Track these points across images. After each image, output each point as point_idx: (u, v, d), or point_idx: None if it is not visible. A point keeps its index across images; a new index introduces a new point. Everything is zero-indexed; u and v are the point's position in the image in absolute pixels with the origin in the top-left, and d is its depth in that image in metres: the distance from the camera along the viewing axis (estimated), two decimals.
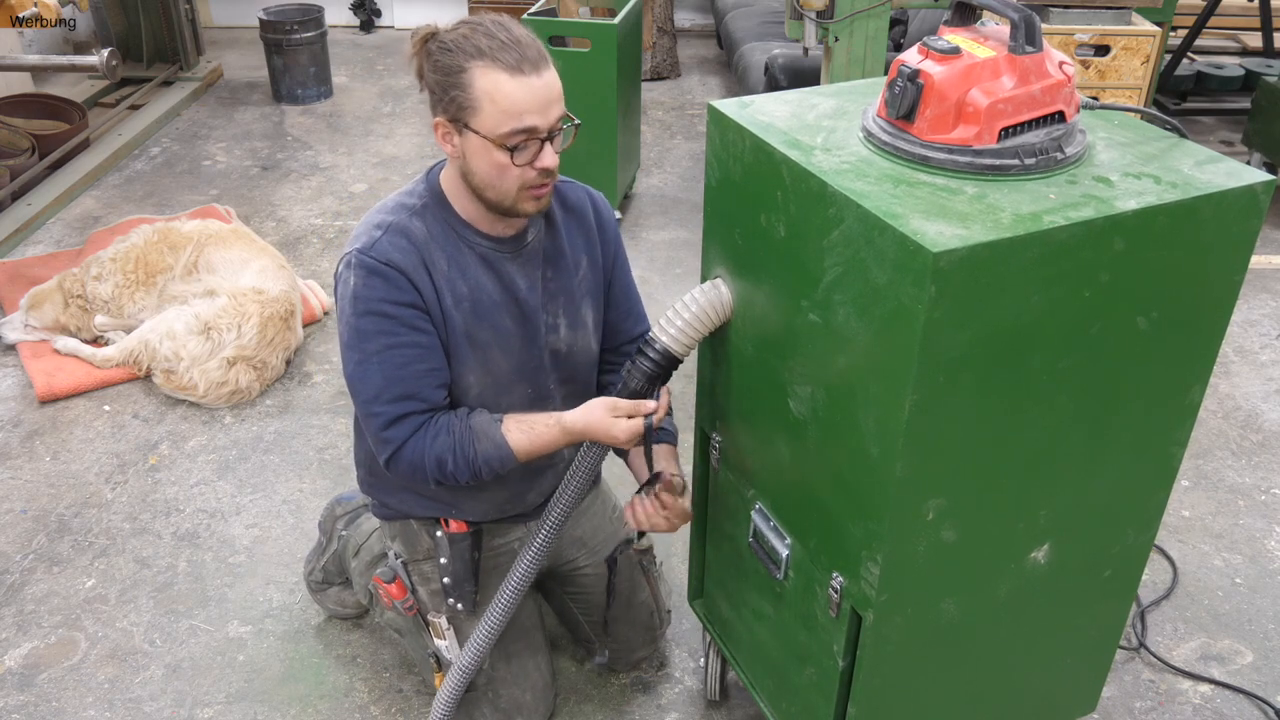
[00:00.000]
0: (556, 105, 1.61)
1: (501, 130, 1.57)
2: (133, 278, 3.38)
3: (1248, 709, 2.25)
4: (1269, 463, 3.00)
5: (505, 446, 1.72)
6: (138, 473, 2.90)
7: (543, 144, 1.62)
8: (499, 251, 1.76)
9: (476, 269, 1.74)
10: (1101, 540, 1.67)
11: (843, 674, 1.62)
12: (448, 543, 1.94)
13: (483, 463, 1.72)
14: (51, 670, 2.30)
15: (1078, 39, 3.49)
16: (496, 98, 1.56)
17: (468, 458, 1.71)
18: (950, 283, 1.23)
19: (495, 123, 1.57)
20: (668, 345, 1.69)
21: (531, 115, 1.57)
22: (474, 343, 1.76)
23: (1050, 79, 1.38)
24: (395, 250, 1.67)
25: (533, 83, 1.57)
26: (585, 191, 1.91)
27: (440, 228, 1.72)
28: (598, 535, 2.15)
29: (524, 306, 1.79)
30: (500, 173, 1.62)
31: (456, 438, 1.71)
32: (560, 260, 1.84)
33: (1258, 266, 4.06)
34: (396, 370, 1.68)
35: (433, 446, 1.71)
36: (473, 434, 1.72)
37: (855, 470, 1.46)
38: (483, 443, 1.72)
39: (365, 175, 4.81)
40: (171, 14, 5.63)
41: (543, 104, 1.58)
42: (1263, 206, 1.41)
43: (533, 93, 1.57)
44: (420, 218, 1.71)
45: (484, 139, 1.59)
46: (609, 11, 4.61)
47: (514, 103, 1.56)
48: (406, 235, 1.69)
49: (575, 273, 1.86)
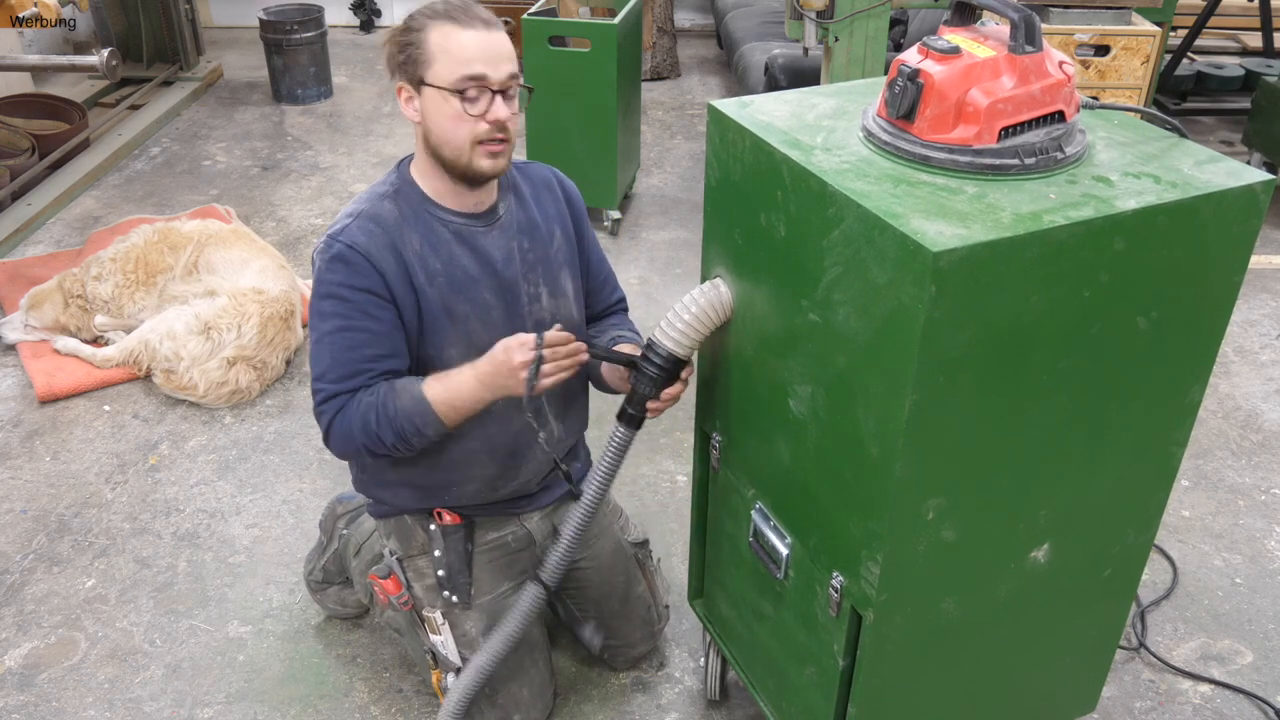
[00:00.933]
0: (507, 63, 1.70)
1: (454, 78, 1.67)
2: (133, 278, 3.38)
3: (1248, 709, 2.25)
4: (1269, 463, 3.00)
5: (423, 400, 1.75)
6: (138, 473, 2.90)
7: (494, 96, 1.69)
8: (472, 226, 1.83)
9: (450, 245, 1.81)
10: (1101, 540, 1.67)
11: (843, 673, 1.62)
12: (441, 535, 1.97)
13: (404, 418, 1.74)
14: (51, 670, 2.30)
15: (1078, 39, 3.49)
16: (448, 46, 1.67)
17: (389, 414, 1.74)
18: (950, 282, 1.23)
19: (448, 70, 1.67)
20: (671, 349, 1.71)
21: (480, 63, 1.67)
22: (453, 316, 1.81)
23: (1050, 79, 1.38)
24: (362, 234, 1.75)
25: (482, 35, 1.68)
26: (548, 169, 2.00)
27: (411, 209, 1.80)
28: (592, 529, 2.14)
29: (501, 278, 1.85)
30: (454, 125, 1.69)
31: (380, 398, 1.75)
32: (535, 231, 1.90)
33: (1258, 266, 4.06)
34: (344, 352, 1.76)
35: (359, 409, 1.76)
36: (394, 391, 1.76)
37: (855, 470, 1.46)
38: (402, 398, 1.75)
39: (365, 175, 4.81)
40: (171, 14, 5.63)
41: (491, 55, 1.68)
42: (1263, 206, 1.41)
43: (482, 42, 1.67)
44: (391, 201, 1.80)
45: (438, 90, 1.68)
46: (609, 11, 4.61)
47: (463, 50, 1.67)
48: (375, 220, 1.77)
49: (550, 242, 1.92)
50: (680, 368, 1.74)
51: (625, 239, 4.26)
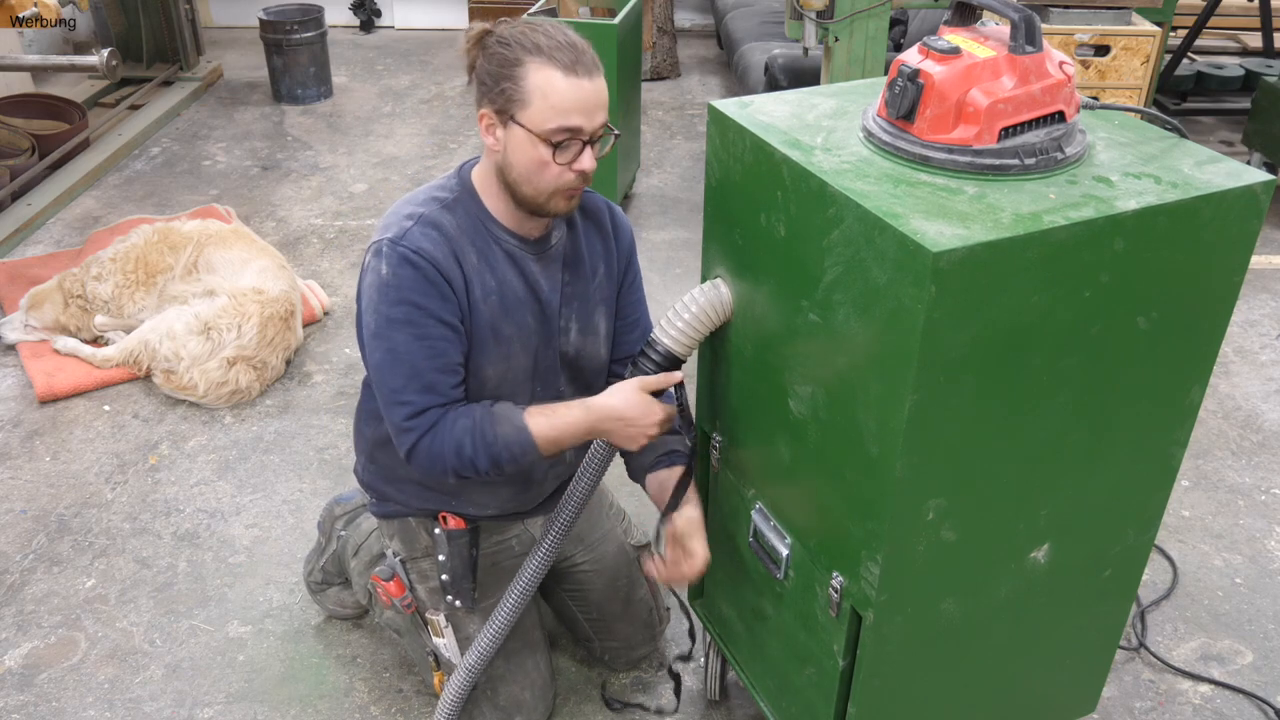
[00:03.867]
0: (602, 111, 1.65)
1: (548, 126, 1.60)
2: (133, 278, 3.38)
3: (1248, 709, 2.25)
4: (1269, 463, 3.00)
5: (525, 430, 1.70)
6: (138, 473, 2.90)
7: (584, 146, 1.64)
8: (524, 250, 1.78)
9: (504, 265, 1.76)
10: (1101, 540, 1.67)
11: (843, 674, 1.62)
12: (446, 539, 1.95)
13: (502, 446, 1.69)
14: (51, 670, 2.30)
15: (1078, 39, 3.49)
16: (548, 93, 1.59)
17: (486, 440, 1.69)
18: (950, 283, 1.23)
19: (543, 118, 1.60)
20: (669, 347, 1.70)
21: (578, 116, 1.61)
22: (498, 337, 1.78)
23: (1050, 79, 1.38)
24: (426, 240, 1.68)
25: (584, 85, 1.61)
26: (604, 203, 1.93)
27: (470, 222, 1.74)
28: (595, 532, 2.15)
29: (546, 306, 1.82)
30: (540, 169, 1.64)
31: (476, 421, 1.70)
32: (579, 266, 1.86)
33: (1258, 266, 4.06)
34: (425, 361, 1.69)
35: (452, 431, 1.70)
36: (493, 418, 1.71)
37: (855, 470, 1.46)
38: (503, 426, 1.70)
39: (365, 175, 4.81)
40: (171, 14, 5.63)
41: (590, 107, 1.62)
42: (1263, 206, 1.41)
43: (583, 94, 1.60)
44: (450, 211, 1.73)
45: (529, 133, 1.61)
46: (609, 11, 4.61)
47: (564, 100, 1.59)
48: (437, 227, 1.70)
49: (592, 279, 1.88)
50: (676, 366, 1.73)
51: None
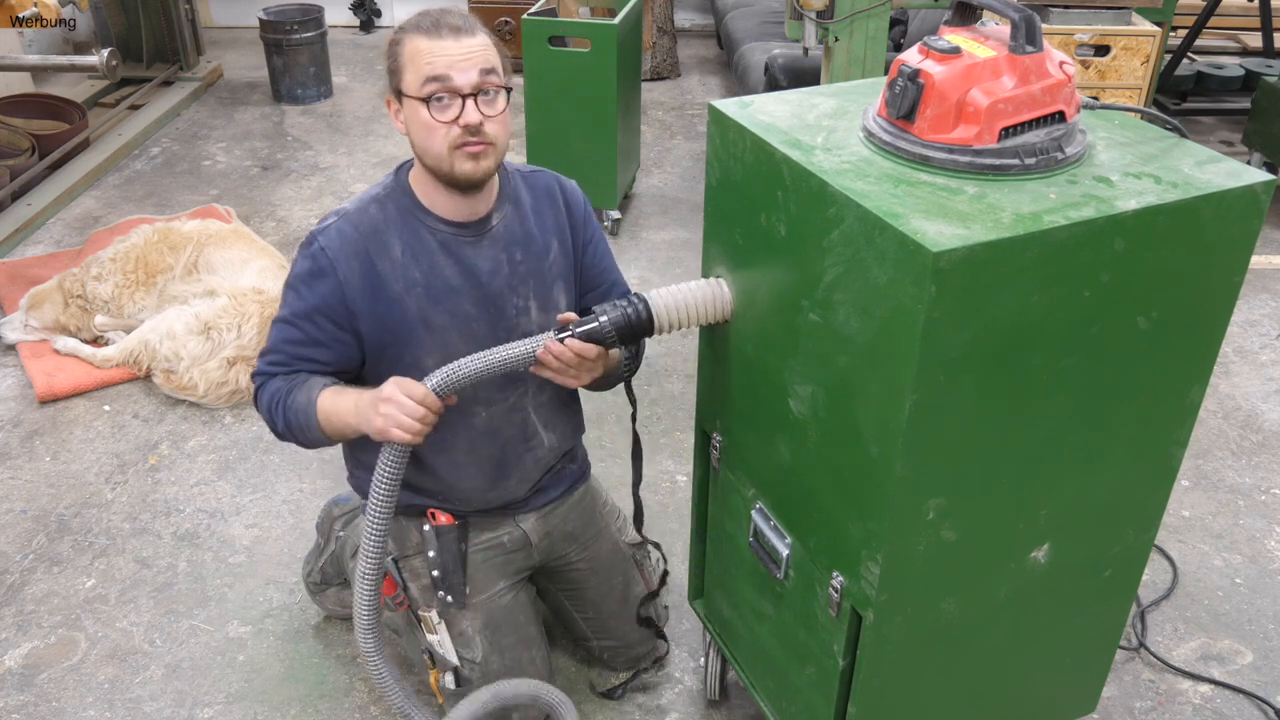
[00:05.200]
0: (473, 64, 1.69)
1: (420, 86, 1.68)
2: (133, 278, 3.38)
3: (1248, 709, 2.25)
4: (1269, 463, 3.00)
5: (312, 405, 1.78)
6: (138, 473, 2.90)
7: (465, 101, 1.69)
8: (460, 237, 1.83)
9: (435, 254, 1.81)
10: (1101, 540, 1.67)
11: (843, 674, 1.62)
12: (435, 535, 1.97)
13: (293, 413, 1.79)
14: (51, 670, 2.30)
15: (1078, 39, 3.49)
16: (414, 57, 1.69)
17: (285, 405, 1.80)
18: (950, 282, 1.23)
19: (415, 79, 1.69)
20: (654, 308, 1.67)
21: (442, 67, 1.67)
22: (429, 327, 1.82)
23: (1050, 79, 1.38)
24: (338, 237, 1.78)
25: (446, 43, 1.68)
26: (553, 177, 1.98)
27: (399, 214, 1.81)
28: (588, 530, 2.15)
29: (486, 290, 1.85)
30: (428, 132, 1.70)
31: (287, 386, 1.82)
32: (530, 243, 1.89)
33: (1258, 266, 4.06)
34: (282, 342, 1.83)
35: (270, 389, 1.83)
36: (300, 386, 1.81)
37: (855, 470, 1.46)
38: (299, 395, 1.80)
39: (365, 175, 4.81)
40: (171, 14, 5.63)
41: (456, 60, 1.68)
42: (1263, 206, 1.41)
43: (445, 49, 1.68)
44: (380, 204, 1.82)
45: (411, 99, 1.70)
46: (609, 11, 4.61)
47: (426, 58, 1.68)
48: (355, 224, 1.79)
49: (546, 255, 1.91)
50: (647, 331, 1.69)
51: (625, 239, 4.26)
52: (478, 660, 2.01)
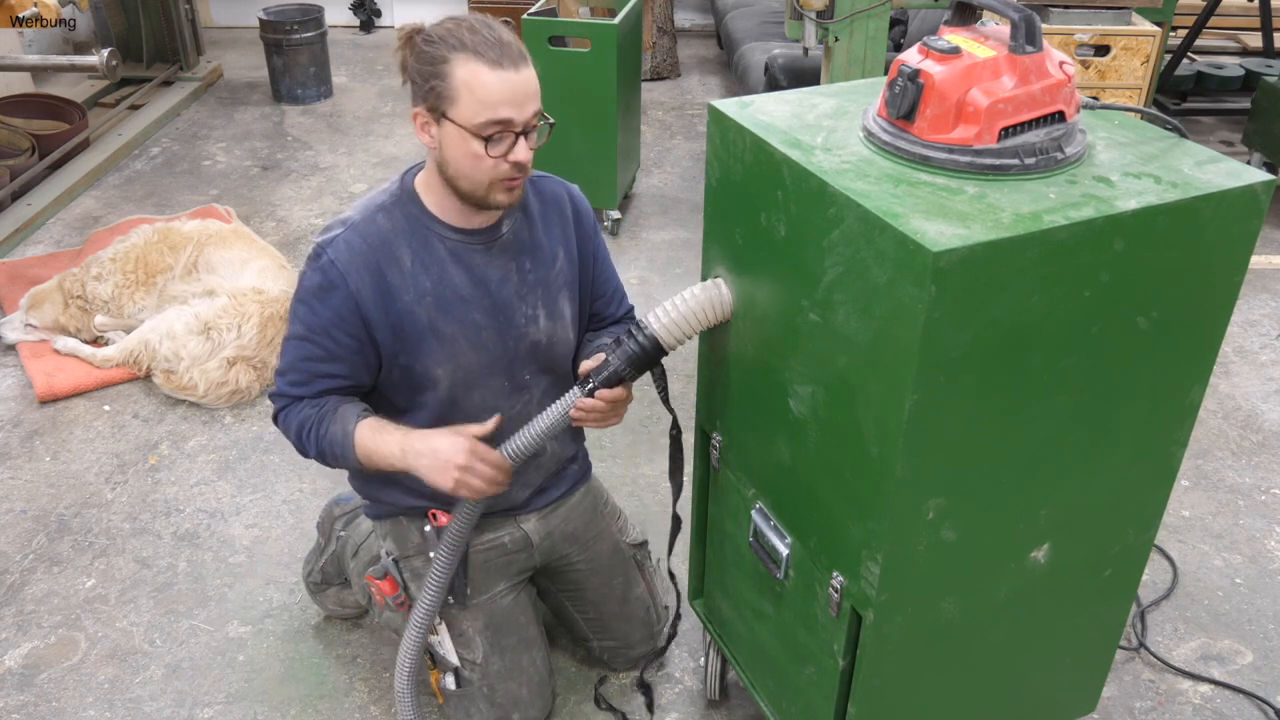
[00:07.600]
0: (532, 102, 1.66)
1: (477, 120, 1.62)
2: (133, 278, 3.38)
3: (1248, 709, 2.25)
4: (1269, 463, 3.00)
5: (349, 439, 1.77)
6: (138, 473, 2.90)
7: (517, 138, 1.66)
8: (470, 245, 1.80)
9: (445, 263, 1.79)
10: (1101, 540, 1.67)
11: (843, 674, 1.62)
12: (436, 536, 1.95)
13: (327, 444, 1.78)
14: (51, 670, 2.30)
15: (1078, 39, 3.49)
16: (475, 88, 1.61)
17: (317, 434, 1.79)
18: (950, 282, 1.23)
19: (472, 113, 1.62)
20: (657, 333, 1.67)
21: (507, 108, 1.62)
22: (439, 336, 1.80)
23: (1050, 79, 1.38)
24: (346, 249, 1.74)
25: (510, 77, 1.62)
26: (562, 185, 1.96)
27: (408, 223, 1.78)
28: (589, 530, 2.15)
29: (495, 299, 1.83)
30: (474, 163, 1.66)
31: (318, 414, 1.80)
32: (538, 252, 1.88)
33: (1258, 266, 4.06)
34: (299, 360, 1.80)
35: (297, 417, 1.81)
36: (333, 416, 1.79)
37: (855, 470, 1.46)
38: (334, 426, 1.79)
39: (365, 175, 4.81)
40: (171, 14, 5.63)
41: (519, 98, 1.63)
42: (1263, 206, 1.41)
43: (510, 87, 1.62)
44: (387, 213, 1.78)
45: (460, 129, 1.64)
46: (609, 11, 4.61)
47: (491, 94, 1.61)
48: (364, 235, 1.76)
49: (553, 265, 1.90)
50: (661, 354, 1.71)
51: (625, 239, 4.26)
52: (478, 661, 2.01)
